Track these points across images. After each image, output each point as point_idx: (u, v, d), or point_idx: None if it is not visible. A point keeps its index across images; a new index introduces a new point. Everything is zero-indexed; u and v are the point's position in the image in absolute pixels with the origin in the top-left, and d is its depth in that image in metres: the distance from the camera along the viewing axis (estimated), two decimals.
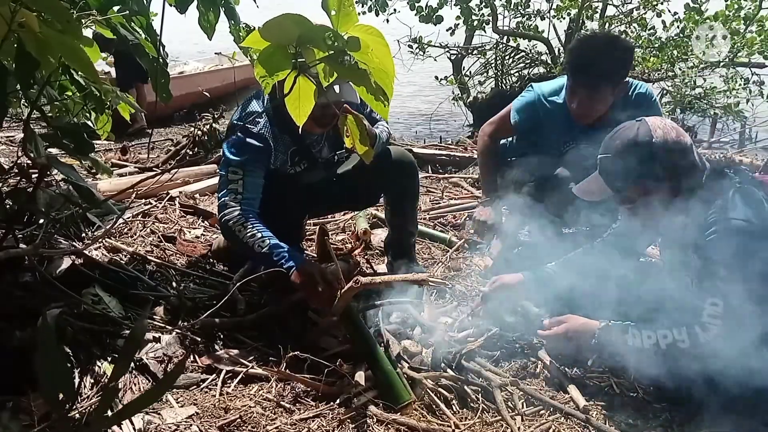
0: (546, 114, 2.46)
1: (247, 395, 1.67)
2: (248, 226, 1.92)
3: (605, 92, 2.27)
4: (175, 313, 2.00)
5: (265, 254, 1.89)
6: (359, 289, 1.75)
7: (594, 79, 2.25)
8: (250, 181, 1.98)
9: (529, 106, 2.49)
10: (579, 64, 2.26)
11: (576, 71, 2.28)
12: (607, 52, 2.21)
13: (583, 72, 2.25)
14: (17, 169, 1.68)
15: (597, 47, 2.23)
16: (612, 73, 2.25)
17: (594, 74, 2.24)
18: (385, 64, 1.10)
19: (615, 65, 2.24)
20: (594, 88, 2.26)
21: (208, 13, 1.94)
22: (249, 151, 1.99)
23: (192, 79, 7.58)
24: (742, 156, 4.48)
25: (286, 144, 2.13)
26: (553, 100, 2.44)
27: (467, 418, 1.67)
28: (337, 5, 1.04)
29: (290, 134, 2.10)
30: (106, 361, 1.65)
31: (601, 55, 2.20)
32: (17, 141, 4.41)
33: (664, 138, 1.65)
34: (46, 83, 1.59)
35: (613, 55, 2.21)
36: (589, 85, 2.26)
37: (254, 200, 2.00)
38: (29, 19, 1.14)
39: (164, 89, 1.85)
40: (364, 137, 1.20)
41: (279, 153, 2.12)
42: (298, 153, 2.18)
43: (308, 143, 2.19)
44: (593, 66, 2.21)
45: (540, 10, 6.83)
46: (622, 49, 2.25)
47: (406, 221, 2.45)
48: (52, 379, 1.02)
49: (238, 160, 1.97)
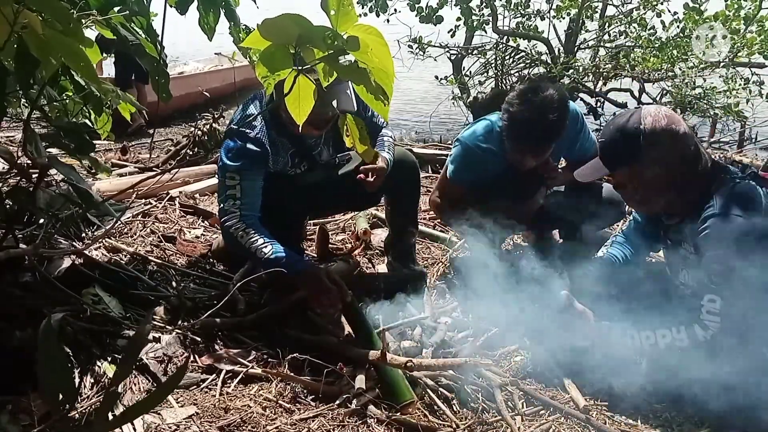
0: (482, 162, 2.40)
1: (247, 395, 1.67)
2: (249, 232, 1.93)
3: (550, 149, 2.27)
4: (175, 313, 2.00)
5: (269, 260, 1.89)
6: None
7: (541, 148, 2.24)
8: (248, 186, 1.98)
9: (464, 158, 2.43)
10: (523, 136, 2.21)
11: (521, 141, 2.24)
12: (551, 123, 2.14)
13: (530, 141, 2.22)
14: (17, 168, 1.68)
15: (541, 124, 2.14)
16: (557, 135, 2.21)
17: (541, 142, 2.22)
18: (385, 63, 1.10)
19: (559, 127, 2.18)
20: (541, 153, 2.26)
21: (208, 15, 1.94)
22: (245, 156, 1.98)
23: (192, 79, 7.59)
24: (742, 156, 4.49)
25: (285, 147, 2.13)
26: (485, 147, 2.38)
27: (467, 417, 1.67)
28: (336, 5, 1.04)
29: (288, 137, 2.10)
30: (106, 361, 1.65)
31: (545, 126, 2.14)
32: (17, 141, 4.41)
33: (653, 125, 1.65)
34: (46, 83, 1.59)
35: (557, 122, 2.15)
36: (537, 152, 2.26)
37: (253, 204, 1.99)
38: (32, 20, 1.14)
39: (164, 89, 1.85)
40: (363, 137, 1.20)
41: (278, 156, 2.12)
42: (298, 155, 2.18)
43: (307, 145, 2.19)
44: (539, 138, 2.19)
45: (540, 10, 6.83)
46: (563, 108, 2.18)
47: (406, 221, 2.45)
48: (52, 379, 1.02)
49: (234, 165, 1.97)
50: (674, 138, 1.65)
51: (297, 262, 1.93)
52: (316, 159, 2.24)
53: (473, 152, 2.39)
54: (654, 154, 1.66)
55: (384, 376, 1.71)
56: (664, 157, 1.66)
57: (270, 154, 2.05)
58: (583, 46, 7.06)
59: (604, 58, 6.82)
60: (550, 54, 6.83)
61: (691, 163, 1.68)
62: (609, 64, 6.68)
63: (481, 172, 2.42)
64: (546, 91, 2.15)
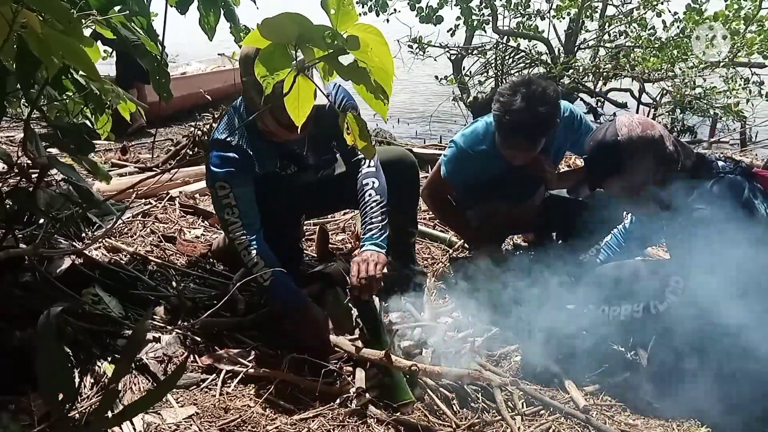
0: (475, 164, 2.39)
1: (247, 395, 1.67)
2: (251, 251, 1.89)
3: (540, 144, 2.25)
4: (175, 313, 2.00)
5: (266, 288, 1.89)
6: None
7: (531, 142, 2.21)
8: (240, 192, 1.94)
9: (457, 160, 2.42)
10: (513, 128, 2.17)
11: (508, 136, 2.22)
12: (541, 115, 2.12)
13: (519, 134, 2.19)
14: (17, 168, 1.68)
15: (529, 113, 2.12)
16: (547, 128, 2.19)
17: (529, 139, 2.19)
18: (385, 62, 1.09)
19: (550, 121, 2.17)
20: (532, 146, 2.23)
21: (209, 15, 1.94)
22: (230, 165, 1.94)
23: (194, 80, 7.58)
24: (742, 156, 4.49)
25: (270, 151, 2.08)
26: (478, 149, 2.37)
27: (467, 418, 1.67)
28: (336, 4, 1.04)
29: (269, 142, 2.04)
30: (106, 361, 1.65)
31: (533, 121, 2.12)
32: (17, 141, 4.41)
33: (628, 134, 1.75)
34: (46, 83, 1.59)
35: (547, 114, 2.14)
36: (527, 146, 2.23)
37: (252, 211, 1.96)
38: (31, 19, 1.14)
39: (164, 89, 1.85)
40: (364, 133, 1.20)
41: (264, 160, 2.07)
42: (285, 158, 2.15)
43: (292, 150, 2.14)
44: (529, 130, 2.16)
45: (540, 10, 6.83)
46: (554, 105, 2.16)
47: (406, 221, 2.45)
48: (52, 379, 1.02)
49: (222, 174, 1.94)
50: (651, 143, 1.75)
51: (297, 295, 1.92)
52: (305, 162, 2.21)
53: (466, 154, 2.39)
54: (635, 162, 1.76)
55: (387, 375, 1.71)
56: (645, 162, 1.76)
57: (255, 159, 2.01)
58: (583, 46, 7.06)
59: (604, 58, 6.83)
60: (550, 54, 6.84)
61: (672, 161, 1.77)
62: (609, 64, 6.68)
63: (474, 174, 2.42)
64: (537, 85, 2.15)
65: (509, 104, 2.15)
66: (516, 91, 2.15)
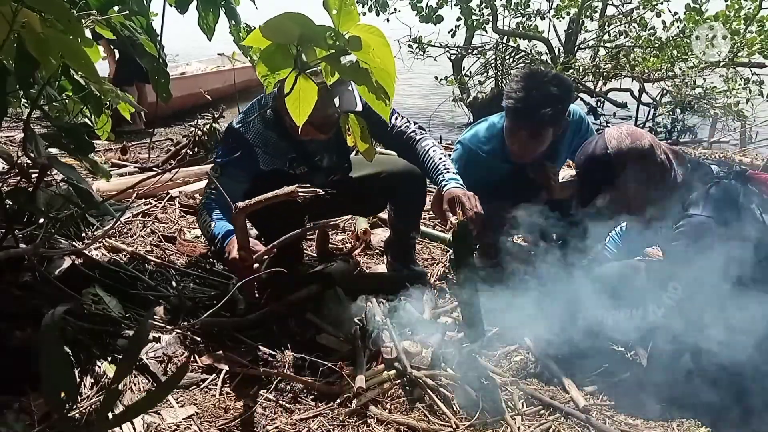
0: (483, 164, 2.39)
1: (247, 395, 1.67)
2: (203, 213, 2.04)
3: (547, 134, 2.24)
4: (175, 313, 2.00)
5: (210, 238, 1.99)
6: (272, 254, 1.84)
7: (537, 126, 2.20)
8: (226, 181, 1.99)
9: (465, 160, 2.42)
10: (521, 109, 2.18)
11: (518, 116, 2.22)
12: (551, 96, 2.14)
13: (526, 117, 2.19)
14: (17, 168, 1.68)
15: (539, 92, 2.14)
16: (555, 117, 2.19)
17: (538, 120, 2.18)
18: (387, 63, 1.09)
19: (558, 108, 2.17)
20: (537, 133, 2.22)
21: (208, 15, 1.94)
22: (231, 153, 2.04)
23: (194, 80, 7.57)
24: (742, 156, 4.49)
25: (284, 150, 2.12)
26: (487, 149, 2.38)
27: (467, 417, 1.67)
28: (338, 4, 1.04)
29: (288, 140, 2.09)
30: (106, 361, 1.65)
31: (544, 100, 2.13)
32: (17, 141, 4.40)
33: (618, 147, 1.76)
34: (46, 83, 1.58)
35: (556, 99, 2.15)
36: (533, 131, 2.22)
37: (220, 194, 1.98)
38: (31, 19, 1.14)
39: (164, 89, 1.85)
40: (365, 135, 1.20)
41: (275, 156, 2.11)
42: (297, 159, 2.17)
43: (310, 150, 2.17)
44: (536, 112, 2.16)
45: (540, 10, 6.84)
46: (566, 90, 2.18)
47: (409, 226, 2.45)
48: (54, 378, 1.02)
49: (219, 161, 2.07)
50: (641, 153, 1.75)
51: (225, 236, 1.96)
52: (317, 165, 2.23)
53: (474, 154, 2.39)
54: (627, 173, 1.76)
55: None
56: (637, 173, 1.76)
57: (262, 155, 2.08)
58: (583, 46, 7.07)
59: (604, 58, 6.83)
60: (550, 54, 6.84)
61: (664, 170, 1.78)
62: (609, 64, 6.69)
63: (482, 175, 2.41)
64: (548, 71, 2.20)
65: (523, 82, 2.19)
66: (531, 74, 2.21)
